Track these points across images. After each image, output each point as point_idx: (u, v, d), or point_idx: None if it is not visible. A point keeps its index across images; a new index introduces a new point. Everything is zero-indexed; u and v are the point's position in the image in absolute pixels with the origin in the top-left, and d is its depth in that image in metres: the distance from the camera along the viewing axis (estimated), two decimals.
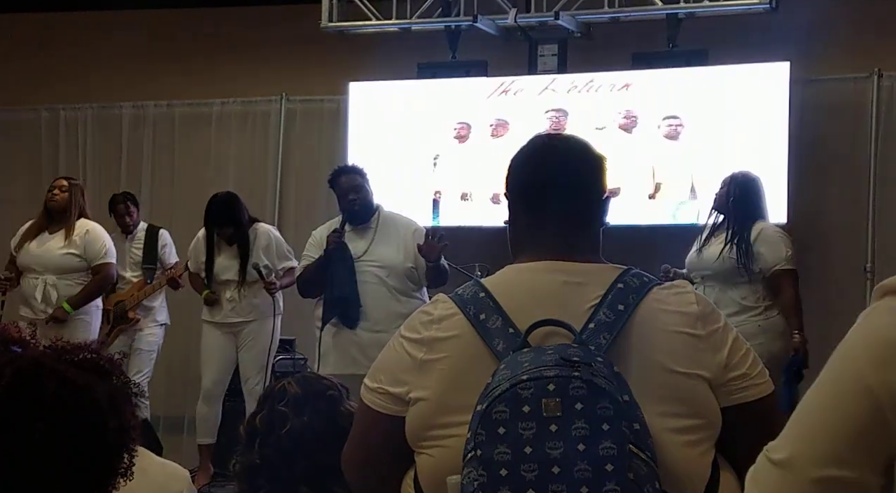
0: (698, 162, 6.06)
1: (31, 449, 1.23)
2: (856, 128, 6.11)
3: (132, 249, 6.13)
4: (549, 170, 1.73)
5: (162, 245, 6.11)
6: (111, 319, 5.96)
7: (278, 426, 1.99)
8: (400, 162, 6.39)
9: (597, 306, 1.59)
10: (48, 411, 1.24)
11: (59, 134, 7.52)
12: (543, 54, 6.42)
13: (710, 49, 6.16)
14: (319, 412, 1.99)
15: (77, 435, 1.25)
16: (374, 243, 4.91)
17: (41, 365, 1.26)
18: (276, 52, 7.03)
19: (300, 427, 1.97)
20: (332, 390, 2.04)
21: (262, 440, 2.01)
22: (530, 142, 1.82)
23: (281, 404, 2.02)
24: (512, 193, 1.75)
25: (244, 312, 5.67)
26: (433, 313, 1.66)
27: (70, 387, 1.26)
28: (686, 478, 1.54)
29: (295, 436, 1.97)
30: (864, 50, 6.09)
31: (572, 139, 1.85)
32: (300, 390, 2.03)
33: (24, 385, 1.25)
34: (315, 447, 1.96)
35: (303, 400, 2.01)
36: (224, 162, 7.20)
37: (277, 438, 1.98)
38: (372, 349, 4.61)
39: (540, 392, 1.42)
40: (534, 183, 1.72)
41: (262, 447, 2.00)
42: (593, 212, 1.74)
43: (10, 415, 1.24)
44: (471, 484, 1.41)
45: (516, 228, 1.74)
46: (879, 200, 6.01)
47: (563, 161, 1.74)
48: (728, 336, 1.63)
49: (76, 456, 1.26)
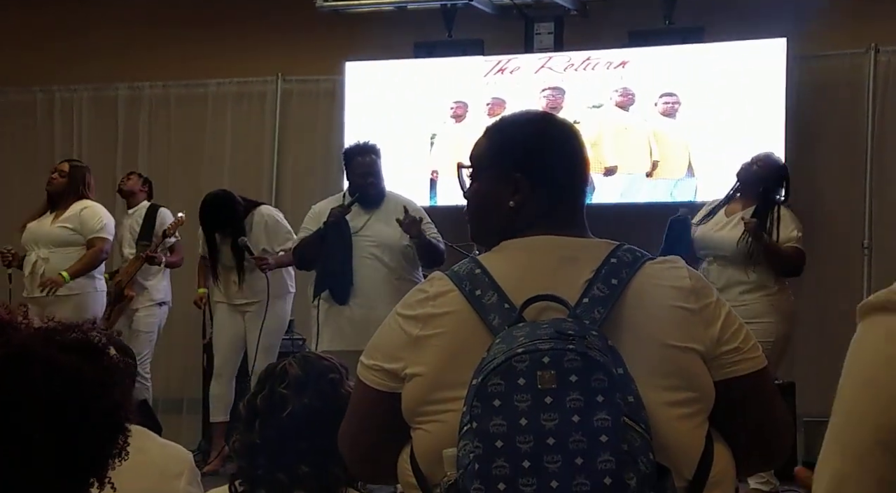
0: (695, 139, 6.06)
1: (19, 435, 1.23)
2: (853, 104, 6.11)
3: (132, 225, 6.15)
4: (551, 148, 1.74)
5: (160, 223, 6.12)
6: (112, 299, 5.97)
7: (279, 407, 2.01)
8: (397, 142, 6.38)
9: (591, 281, 1.59)
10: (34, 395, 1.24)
11: (55, 115, 7.51)
12: (540, 32, 6.41)
13: (707, 26, 6.15)
14: (321, 395, 2.00)
15: (65, 418, 1.25)
16: (373, 220, 4.94)
17: (28, 350, 1.26)
18: (271, 32, 7.02)
19: (301, 410, 1.99)
20: (333, 373, 2.05)
21: (262, 420, 2.02)
22: (525, 119, 1.83)
23: (282, 386, 2.02)
24: (508, 170, 1.74)
25: (248, 293, 5.69)
26: (429, 290, 1.66)
27: (57, 370, 1.25)
28: (680, 451, 1.54)
29: (296, 418, 1.98)
30: (860, 26, 6.08)
31: (561, 119, 1.89)
32: (301, 371, 2.04)
33: (11, 372, 1.24)
34: (315, 428, 1.97)
35: (304, 382, 2.02)
36: (220, 142, 7.19)
37: (279, 420, 2.00)
38: (364, 325, 4.63)
39: (535, 365, 1.42)
40: (535, 160, 1.73)
41: (262, 428, 2.01)
42: (583, 190, 1.78)
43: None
44: (466, 456, 1.42)
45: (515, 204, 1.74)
46: (877, 176, 6.02)
47: (563, 140, 1.76)
48: (721, 311, 1.63)
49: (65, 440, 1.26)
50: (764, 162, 5.06)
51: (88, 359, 1.30)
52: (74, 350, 1.30)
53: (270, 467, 1.99)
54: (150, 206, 6.22)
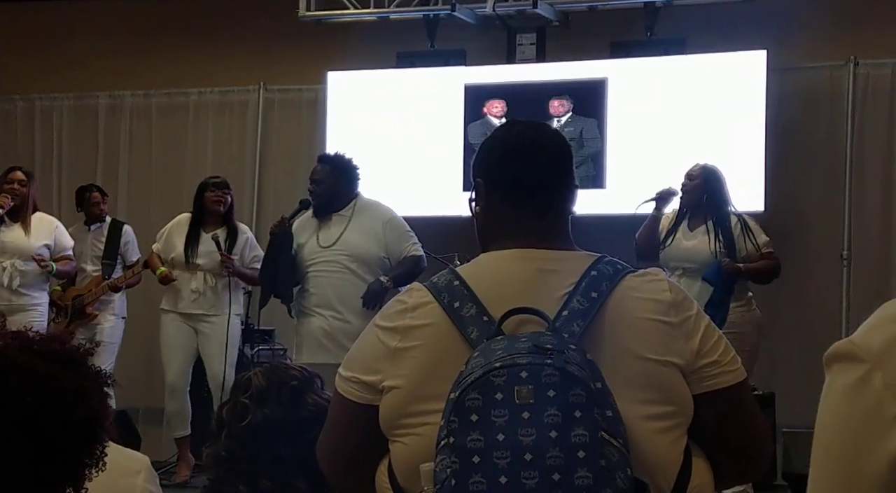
0: (676, 150, 6.08)
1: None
2: (832, 116, 6.15)
3: (95, 242, 6.13)
4: (528, 158, 1.72)
5: (125, 242, 6.12)
6: (69, 313, 5.96)
7: (240, 417, 1.99)
8: (379, 151, 6.38)
9: (570, 294, 1.59)
10: (11, 403, 1.23)
11: (35, 123, 7.47)
12: (522, 43, 6.43)
13: (688, 38, 6.18)
14: (281, 404, 1.98)
15: (42, 428, 1.25)
16: (347, 232, 4.90)
17: (4, 357, 1.25)
18: (253, 41, 7.01)
19: (261, 419, 1.96)
20: (295, 381, 2.02)
21: (227, 431, 2.01)
22: (505, 128, 1.82)
23: (244, 396, 2.01)
24: (486, 181, 1.74)
25: (206, 305, 5.65)
26: (407, 302, 1.66)
27: (34, 379, 1.25)
28: (658, 465, 1.54)
29: (255, 428, 1.97)
30: (840, 38, 6.12)
31: (544, 126, 1.86)
32: (264, 381, 2.02)
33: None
34: (275, 439, 1.95)
35: (266, 392, 2.00)
36: (202, 152, 7.17)
37: (239, 429, 1.98)
38: (340, 338, 4.62)
39: (513, 379, 1.42)
40: (512, 171, 1.72)
41: (226, 439, 2.00)
42: (566, 200, 1.75)
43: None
44: (443, 471, 1.41)
45: (490, 215, 1.73)
46: (856, 187, 6.05)
47: (541, 149, 1.74)
48: (701, 324, 1.63)
49: (42, 449, 1.25)
50: (696, 173, 5.05)
51: (66, 369, 1.30)
52: (53, 359, 1.29)
53: (232, 479, 1.97)
54: (113, 222, 6.20)
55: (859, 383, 1.01)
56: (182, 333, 5.71)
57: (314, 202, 4.97)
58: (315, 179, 4.99)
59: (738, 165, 5.72)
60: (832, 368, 1.04)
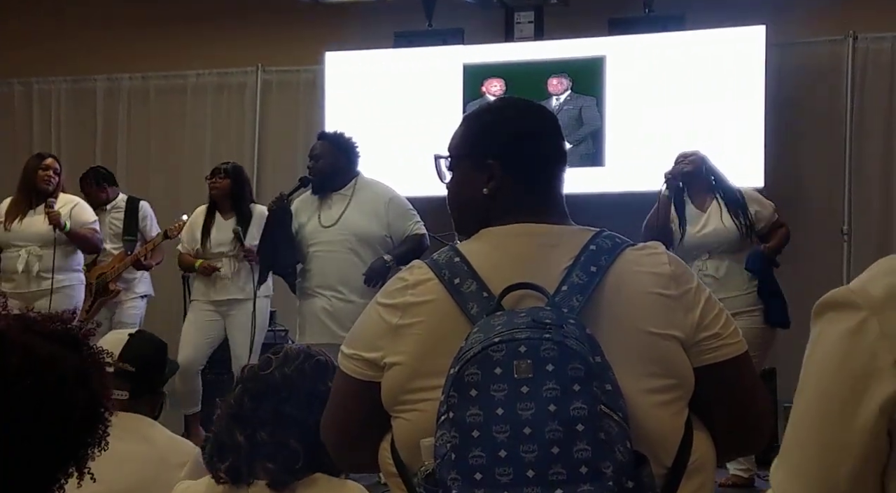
0: (675, 126, 6.07)
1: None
2: (832, 91, 6.13)
3: (112, 220, 6.11)
4: (539, 140, 1.73)
5: (143, 217, 6.11)
6: (93, 291, 5.95)
7: (261, 368, 2.06)
8: (377, 131, 6.37)
9: (569, 269, 1.59)
10: (11, 383, 1.23)
11: (33, 107, 7.45)
12: (520, 21, 6.41)
13: (687, 14, 6.15)
14: (303, 372, 2.04)
15: (42, 407, 1.25)
16: (349, 211, 4.89)
17: (5, 337, 1.26)
18: (251, 22, 6.99)
19: (279, 377, 2.03)
20: (323, 358, 2.09)
21: (243, 384, 2.07)
22: (501, 106, 1.82)
23: (273, 354, 2.09)
24: (500, 162, 1.73)
25: (234, 289, 5.59)
26: (408, 279, 1.66)
27: (34, 359, 1.25)
28: (659, 438, 1.54)
29: (270, 383, 2.03)
30: (838, 13, 6.10)
31: (539, 105, 1.86)
32: (296, 350, 2.10)
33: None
34: (285, 399, 2.01)
35: (294, 356, 2.07)
36: (200, 134, 7.16)
37: (255, 380, 2.04)
38: (343, 318, 4.62)
39: (511, 354, 1.42)
40: (527, 153, 1.72)
41: (240, 389, 2.07)
42: (561, 177, 1.76)
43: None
44: (443, 446, 1.42)
45: (498, 195, 1.73)
46: (856, 162, 6.04)
47: (548, 130, 1.75)
48: (701, 296, 1.63)
49: (43, 428, 1.26)
50: (693, 157, 4.99)
51: (67, 349, 1.30)
52: (53, 340, 1.29)
53: (233, 428, 2.01)
54: (129, 199, 6.18)
55: (855, 330, 1.01)
56: (206, 318, 5.63)
57: (314, 179, 4.96)
58: (314, 154, 4.97)
59: (737, 141, 5.71)
60: (825, 316, 1.04)
